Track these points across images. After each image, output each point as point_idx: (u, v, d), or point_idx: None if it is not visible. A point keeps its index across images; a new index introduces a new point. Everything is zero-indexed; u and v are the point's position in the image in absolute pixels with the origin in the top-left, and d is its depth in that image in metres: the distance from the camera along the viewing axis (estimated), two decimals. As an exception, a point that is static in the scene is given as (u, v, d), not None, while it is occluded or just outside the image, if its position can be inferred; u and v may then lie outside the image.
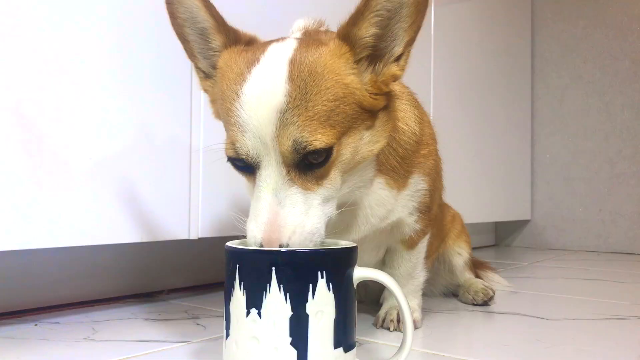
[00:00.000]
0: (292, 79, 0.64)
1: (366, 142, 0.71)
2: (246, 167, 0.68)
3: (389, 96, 0.74)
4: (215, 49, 0.75)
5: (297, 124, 0.63)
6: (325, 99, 0.65)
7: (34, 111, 0.90)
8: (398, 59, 0.71)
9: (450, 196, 1.20)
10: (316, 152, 0.64)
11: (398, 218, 0.88)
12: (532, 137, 2.56)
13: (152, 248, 1.27)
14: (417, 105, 0.89)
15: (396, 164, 0.83)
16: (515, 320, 1.07)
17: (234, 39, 0.73)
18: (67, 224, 0.94)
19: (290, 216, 0.64)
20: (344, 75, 0.67)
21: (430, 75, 1.87)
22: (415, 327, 0.96)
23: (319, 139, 0.64)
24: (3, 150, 0.87)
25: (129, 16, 1.03)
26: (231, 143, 0.66)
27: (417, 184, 0.88)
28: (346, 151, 0.69)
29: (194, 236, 1.15)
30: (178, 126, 1.12)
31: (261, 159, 0.65)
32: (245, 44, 0.73)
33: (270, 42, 0.72)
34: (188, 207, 1.13)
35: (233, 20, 0.77)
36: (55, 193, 0.93)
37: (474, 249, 1.40)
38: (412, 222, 0.91)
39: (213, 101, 0.78)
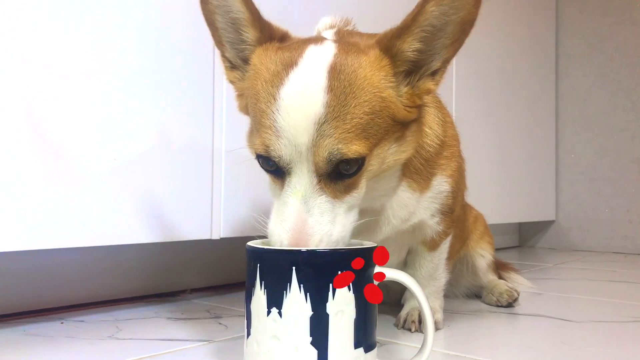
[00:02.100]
0: (331, 89, 0.63)
1: (393, 152, 0.71)
2: (276, 170, 0.67)
3: (420, 108, 0.73)
4: (248, 42, 0.73)
5: (334, 136, 0.63)
6: (363, 112, 0.64)
7: (54, 114, 0.92)
8: (434, 73, 0.71)
9: (474, 196, 1.19)
10: (349, 162, 0.65)
11: (420, 220, 0.88)
12: (557, 137, 2.52)
13: (175, 248, 1.28)
14: (440, 107, 0.89)
15: (419, 166, 0.83)
16: (539, 322, 1.05)
17: (269, 34, 0.72)
18: (92, 224, 0.96)
19: (318, 225, 0.65)
20: (382, 89, 0.67)
21: (453, 74, 1.85)
22: (437, 328, 0.95)
23: (353, 151, 0.64)
24: (28, 154, 0.89)
25: (151, 17, 1.05)
26: (264, 145, 0.65)
27: (440, 185, 0.87)
28: (375, 161, 0.69)
29: (216, 236, 1.15)
30: (200, 128, 1.13)
31: (293, 165, 0.65)
32: (279, 40, 0.72)
33: (307, 41, 0.70)
34: (210, 207, 1.14)
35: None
36: (79, 195, 0.94)
37: (497, 249, 1.38)
38: (434, 224, 0.90)
39: (240, 95, 0.76)
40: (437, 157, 0.85)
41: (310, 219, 0.64)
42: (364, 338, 0.64)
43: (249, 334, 0.65)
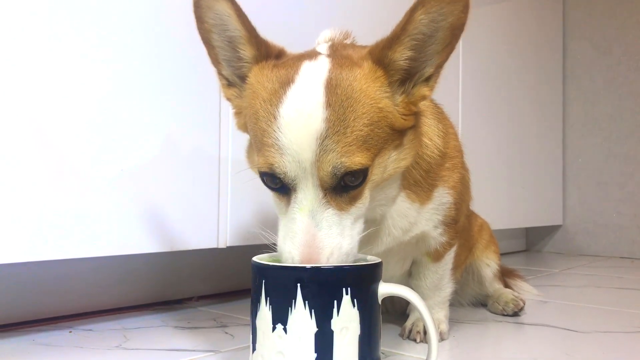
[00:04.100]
0: (329, 104, 0.64)
1: (393, 160, 0.72)
2: (280, 187, 0.68)
3: (416, 115, 0.74)
4: (244, 60, 0.74)
5: (336, 150, 0.64)
6: (362, 124, 0.65)
7: (59, 123, 0.93)
8: (428, 79, 0.71)
9: (480, 201, 1.18)
10: (354, 174, 0.65)
11: (422, 231, 0.88)
12: (564, 141, 2.51)
13: (181, 256, 1.29)
14: (441, 118, 0.89)
15: (419, 178, 0.83)
16: (544, 332, 1.05)
17: (265, 52, 0.73)
18: (98, 234, 0.97)
19: (328, 238, 0.65)
20: (379, 100, 0.67)
21: (459, 79, 1.85)
22: (442, 339, 0.96)
23: (357, 162, 0.65)
24: (34, 165, 0.90)
25: (157, 26, 1.05)
26: (268, 163, 0.66)
27: (442, 197, 0.87)
28: (377, 171, 0.69)
29: (222, 245, 1.16)
30: (207, 137, 1.13)
31: (298, 181, 0.65)
32: (275, 57, 0.73)
33: (301, 57, 0.71)
34: (217, 216, 1.15)
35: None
36: (85, 205, 0.95)
37: (504, 254, 1.38)
38: (437, 235, 0.91)
39: (238, 113, 0.77)
40: (438, 169, 0.86)
41: (319, 233, 0.65)
42: (368, 354, 0.65)
43: (254, 349, 0.66)
